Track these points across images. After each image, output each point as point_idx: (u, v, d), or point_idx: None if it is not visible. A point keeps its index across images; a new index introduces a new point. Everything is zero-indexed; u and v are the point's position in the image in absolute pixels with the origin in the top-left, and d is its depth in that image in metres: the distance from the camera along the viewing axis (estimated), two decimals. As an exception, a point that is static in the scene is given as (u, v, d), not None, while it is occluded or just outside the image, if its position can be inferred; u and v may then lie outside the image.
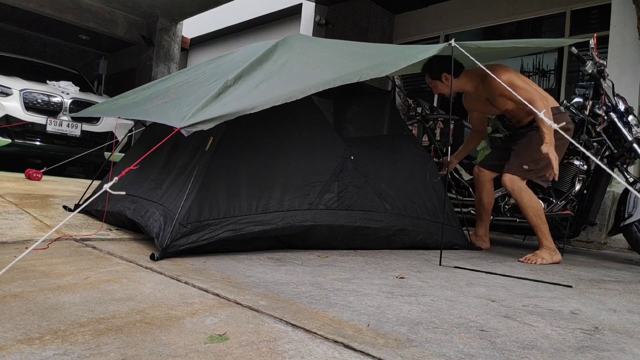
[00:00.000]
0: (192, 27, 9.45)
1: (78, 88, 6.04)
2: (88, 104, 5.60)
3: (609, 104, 3.14)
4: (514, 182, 2.86)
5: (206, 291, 1.42)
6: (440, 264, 2.30)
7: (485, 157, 3.27)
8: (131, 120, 4.21)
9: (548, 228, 2.82)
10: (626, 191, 3.18)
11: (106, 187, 1.47)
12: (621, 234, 3.28)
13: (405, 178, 2.92)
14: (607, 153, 3.14)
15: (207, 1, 7.54)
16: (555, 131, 2.13)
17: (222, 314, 1.21)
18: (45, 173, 4.60)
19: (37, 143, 5.43)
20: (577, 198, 3.23)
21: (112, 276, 1.53)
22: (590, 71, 3.08)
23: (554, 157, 2.53)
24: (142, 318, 1.14)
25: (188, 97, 2.19)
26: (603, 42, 4.57)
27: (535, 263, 2.66)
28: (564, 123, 2.19)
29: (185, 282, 1.51)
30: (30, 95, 5.40)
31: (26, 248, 1.79)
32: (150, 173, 2.52)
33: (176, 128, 1.72)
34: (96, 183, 3.25)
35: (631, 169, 3.56)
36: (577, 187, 3.21)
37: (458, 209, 3.53)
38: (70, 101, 5.66)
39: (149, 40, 8.50)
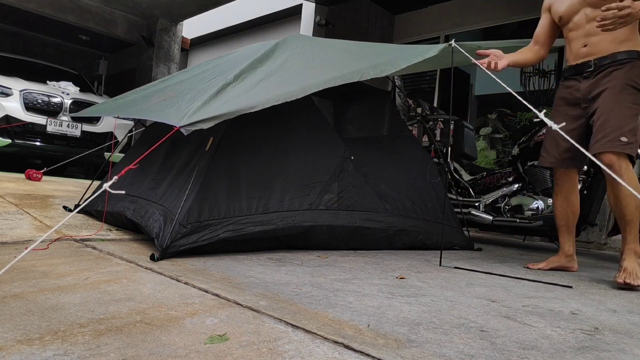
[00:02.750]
0: (192, 27, 9.44)
1: (78, 88, 6.04)
2: (88, 104, 5.60)
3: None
4: (620, 160, 2.05)
5: (206, 291, 1.42)
6: (440, 265, 2.30)
7: (551, 151, 2.40)
8: (131, 120, 4.22)
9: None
10: (626, 191, 3.17)
11: (106, 186, 1.47)
12: (621, 235, 3.28)
13: (406, 178, 2.92)
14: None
15: (207, 1, 7.53)
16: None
17: (222, 315, 1.21)
18: (45, 173, 4.60)
19: (37, 143, 5.43)
20: (577, 198, 3.23)
21: (112, 276, 1.53)
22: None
23: None
24: (142, 318, 1.13)
25: (186, 95, 2.19)
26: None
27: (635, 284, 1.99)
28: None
29: (185, 283, 1.51)
30: (30, 95, 5.40)
31: (26, 248, 1.79)
32: (149, 173, 2.51)
33: (175, 127, 1.72)
34: (96, 183, 3.25)
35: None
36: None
37: (458, 210, 3.53)
38: (70, 101, 5.66)
39: (149, 41, 8.50)
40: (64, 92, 5.73)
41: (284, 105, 1.93)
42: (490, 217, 3.56)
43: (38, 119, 5.38)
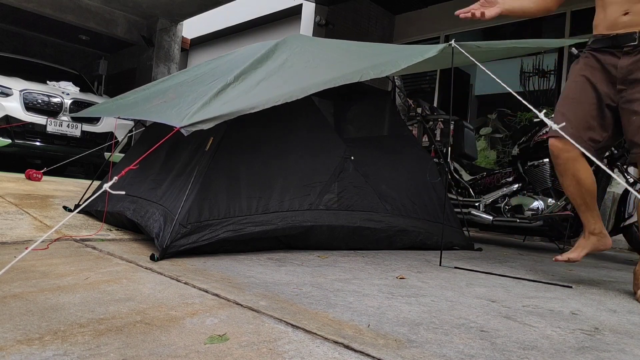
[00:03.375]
0: (193, 27, 9.45)
1: (78, 88, 6.04)
2: (88, 104, 5.60)
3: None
4: None
5: (206, 291, 1.42)
6: (440, 265, 2.30)
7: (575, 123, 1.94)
8: (131, 120, 4.21)
9: None
10: (626, 192, 3.18)
11: (106, 186, 1.47)
12: (621, 235, 3.28)
13: (406, 178, 2.92)
14: (607, 153, 3.14)
15: (207, 1, 7.54)
16: None
17: (222, 315, 1.21)
18: (45, 173, 4.60)
19: (37, 143, 5.44)
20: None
21: (112, 276, 1.53)
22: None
23: None
24: (142, 318, 1.13)
25: (187, 97, 2.19)
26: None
27: None
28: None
29: (185, 283, 1.51)
30: (30, 95, 5.40)
31: (26, 248, 1.79)
32: (150, 173, 2.52)
33: (176, 127, 1.72)
34: (96, 183, 3.25)
35: (631, 169, 3.56)
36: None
37: (458, 210, 3.53)
38: (70, 101, 5.66)
39: (149, 41, 8.50)
40: (64, 92, 5.73)
41: (284, 105, 1.93)
42: (490, 217, 3.56)
43: (38, 119, 5.38)
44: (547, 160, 3.39)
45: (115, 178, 1.46)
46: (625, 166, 3.15)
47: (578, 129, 1.91)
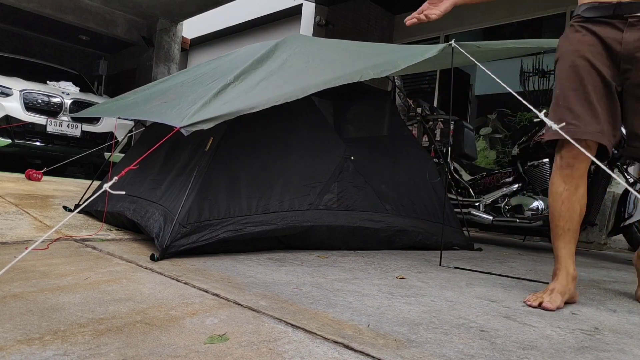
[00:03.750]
0: (192, 27, 9.45)
1: (78, 88, 6.04)
2: (88, 104, 5.60)
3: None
4: None
5: (206, 291, 1.42)
6: (440, 265, 2.30)
7: (586, 118, 1.59)
8: (131, 120, 4.22)
9: None
10: (626, 192, 3.18)
11: (106, 186, 1.47)
12: (621, 235, 3.28)
13: (406, 179, 2.92)
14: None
15: (207, 1, 7.54)
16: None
17: (222, 315, 1.21)
18: (45, 173, 4.60)
19: (37, 143, 5.44)
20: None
21: (112, 276, 1.53)
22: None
23: None
24: (142, 318, 1.13)
25: (187, 97, 2.19)
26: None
27: None
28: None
29: (185, 283, 1.51)
30: (30, 95, 5.40)
31: (26, 248, 1.79)
32: (150, 173, 2.52)
33: (176, 127, 1.72)
34: (96, 183, 3.26)
35: (631, 169, 3.56)
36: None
37: (458, 210, 3.53)
38: (70, 101, 5.66)
39: (149, 41, 8.50)
40: (64, 92, 5.73)
41: (284, 105, 1.94)
42: (490, 217, 3.57)
43: (38, 119, 5.38)
44: (546, 160, 3.39)
45: (115, 178, 1.46)
46: (625, 166, 3.15)
47: (597, 129, 1.59)
